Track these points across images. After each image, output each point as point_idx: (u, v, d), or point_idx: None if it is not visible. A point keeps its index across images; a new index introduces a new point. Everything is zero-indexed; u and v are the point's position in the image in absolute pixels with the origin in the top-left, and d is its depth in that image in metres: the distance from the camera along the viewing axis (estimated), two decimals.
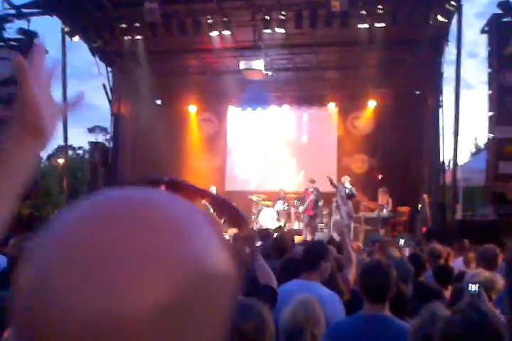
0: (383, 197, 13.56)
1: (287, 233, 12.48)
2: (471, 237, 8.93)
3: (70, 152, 33.58)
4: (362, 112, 15.86)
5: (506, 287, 3.21)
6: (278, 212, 13.83)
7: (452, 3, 10.62)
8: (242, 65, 12.29)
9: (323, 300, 2.99)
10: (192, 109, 16.74)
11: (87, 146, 27.14)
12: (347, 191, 12.55)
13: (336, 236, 12.63)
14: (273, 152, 16.55)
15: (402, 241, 8.84)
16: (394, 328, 2.67)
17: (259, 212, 14.14)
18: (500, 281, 3.26)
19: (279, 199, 13.95)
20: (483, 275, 3.25)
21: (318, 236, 12.64)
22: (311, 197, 12.91)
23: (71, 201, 15.77)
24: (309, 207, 12.94)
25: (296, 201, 13.98)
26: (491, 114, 10.89)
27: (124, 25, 12.19)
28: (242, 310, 2.04)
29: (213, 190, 13.92)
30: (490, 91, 10.98)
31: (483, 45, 11.32)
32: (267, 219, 13.88)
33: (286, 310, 2.37)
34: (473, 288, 3.12)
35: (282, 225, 13.51)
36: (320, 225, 14.28)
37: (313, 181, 13.13)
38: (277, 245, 4.94)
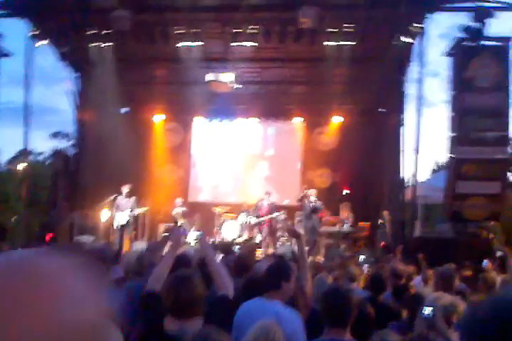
0: (345, 212, 13.72)
1: (249, 246, 12.49)
2: (430, 254, 9.12)
3: (31, 157, 32.81)
4: (327, 127, 16.05)
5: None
6: (241, 225, 13.80)
7: (416, 25, 10.91)
8: (210, 77, 12.31)
9: (283, 318, 3.01)
10: (158, 118, 16.61)
11: (49, 152, 26.62)
12: (311, 205, 12.64)
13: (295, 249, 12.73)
14: (238, 164, 16.54)
15: (362, 258, 8.94)
16: None
17: (222, 224, 14.09)
18: (461, 305, 3.31)
19: (243, 212, 13.93)
20: (446, 299, 3.30)
21: (281, 250, 12.68)
22: (275, 214, 12.94)
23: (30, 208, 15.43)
24: (266, 220, 12.94)
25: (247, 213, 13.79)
26: (452, 134, 11.18)
27: (92, 32, 12.06)
28: (202, 339, 2.04)
29: (178, 201, 13.81)
30: (450, 113, 11.28)
31: (446, 65, 11.70)
32: (230, 231, 13.84)
33: (248, 335, 2.37)
34: (427, 311, 3.18)
35: (247, 238, 13.50)
36: (282, 239, 14.34)
37: (269, 193, 13.15)
38: (239, 263, 4.93)
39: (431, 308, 3.17)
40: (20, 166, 23.08)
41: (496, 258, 5.13)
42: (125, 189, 12.69)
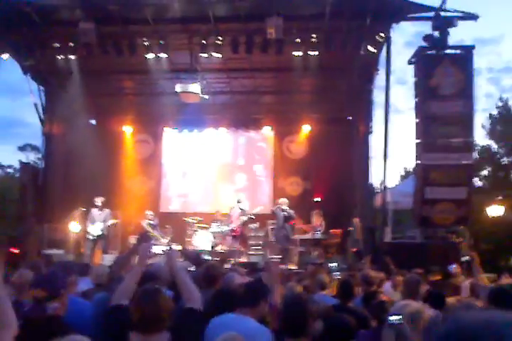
0: (317, 220, 13.80)
1: (221, 255, 12.46)
2: (400, 259, 9.24)
3: None
4: (296, 136, 16.17)
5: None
6: (213, 234, 13.75)
7: (382, 34, 11.11)
8: (179, 87, 12.28)
9: (253, 333, 3.01)
10: (127, 129, 16.49)
11: (17, 165, 26.13)
12: (284, 213, 12.67)
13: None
14: (209, 174, 16.51)
15: (334, 265, 8.96)
16: None
17: (194, 234, 14.02)
18: (427, 312, 3.36)
19: (215, 222, 13.87)
20: (412, 307, 3.34)
21: (254, 258, 12.69)
22: (242, 218, 12.89)
23: None
24: (237, 228, 12.90)
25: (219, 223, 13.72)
26: (418, 141, 11.38)
27: (57, 45, 11.93)
28: None
29: (149, 213, 13.70)
30: (416, 120, 11.49)
31: (412, 73, 11.93)
32: (203, 241, 13.77)
33: None
34: (395, 318, 3.22)
35: (214, 247, 13.46)
36: (255, 247, 14.35)
37: (239, 201, 13.14)
38: (208, 274, 4.90)
39: (398, 316, 3.21)
40: None
41: (463, 262, 5.22)
42: (98, 201, 12.59)
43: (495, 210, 17.60)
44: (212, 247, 13.52)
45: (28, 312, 3.05)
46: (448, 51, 11.63)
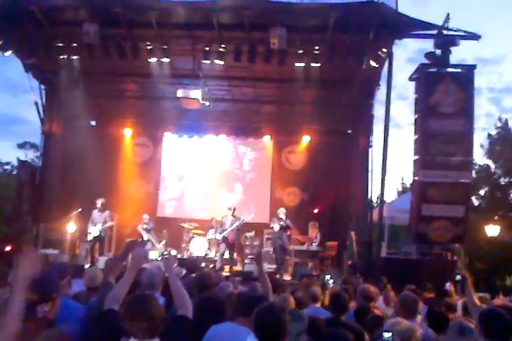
0: (313, 231, 13.80)
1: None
2: (394, 275, 9.21)
3: None
4: (296, 146, 16.21)
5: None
6: (209, 241, 13.72)
7: (384, 50, 11.15)
8: (180, 93, 12.28)
9: None
10: (127, 132, 16.50)
11: (15, 162, 26.08)
12: (282, 223, 12.63)
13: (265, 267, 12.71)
14: (207, 181, 16.50)
15: (328, 277, 8.91)
16: None
17: (190, 240, 13.99)
18: (419, 331, 3.34)
19: (211, 228, 13.84)
20: (403, 324, 3.32)
21: (248, 267, 12.64)
22: (235, 225, 12.83)
23: None
24: (230, 236, 12.83)
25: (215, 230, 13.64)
26: (416, 157, 11.39)
27: (60, 44, 11.93)
28: None
29: (146, 217, 13.66)
30: (415, 136, 11.52)
31: (413, 89, 11.97)
32: (198, 247, 13.75)
33: None
34: (387, 335, 3.20)
35: (207, 254, 13.43)
36: (250, 256, 14.31)
37: (231, 209, 13.08)
38: (202, 282, 4.87)
39: (390, 333, 3.19)
40: None
41: (457, 281, 5.19)
42: (99, 202, 12.60)
43: (491, 230, 17.60)
44: (205, 254, 13.49)
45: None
46: (449, 69, 11.69)
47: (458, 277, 5.04)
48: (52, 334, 2.66)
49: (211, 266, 12.15)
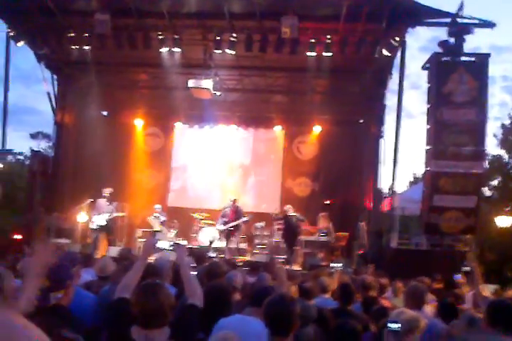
0: (323, 222, 13.78)
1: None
2: (404, 266, 9.21)
3: (10, 157, 32.34)
4: (307, 137, 16.14)
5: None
6: (219, 231, 13.77)
7: (396, 38, 11.04)
8: (191, 83, 12.26)
9: (259, 334, 3.01)
10: (138, 122, 16.53)
11: (28, 152, 26.25)
12: (294, 219, 12.63)
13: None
14: (219, 170, 16.53)
15: (339, 265, 8.89)
16: None
17: (199, 230, 14.06)
18: (423, 321, 3.35)
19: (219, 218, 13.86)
20: (408, 314, 3.34)
21: (258, 257, 12.69)
22: (243, 218, 12.87)
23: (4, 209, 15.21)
24: (233, 226, 12.87)
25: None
26: (429, 147, 11.31)
27: (72, 35, 11.97)
28: None
29: (158, 207, 13.73)
30: (428, 126, 11.42)
31: (425, 79, 11.86)
32: (208, 237, 13.81)
33: None
34: (394, 325, 3.22)
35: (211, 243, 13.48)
36: (260, 246, 14.38)
37: (233, 200, 13.10)
38: (211, 271, 4.91)
39: (398, 324, 3.21)
40: None
41: (466, 272, 5.17)
42: (106, 192, 12.58)
43: (503, 221, 17.49)
44: (210, 243, 13.52)
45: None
46: (463, 58, 11.57)
47: (466, 268, 5.03)
48: None
49: (221, 255, 12.21)
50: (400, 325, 3.18)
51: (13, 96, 12.60)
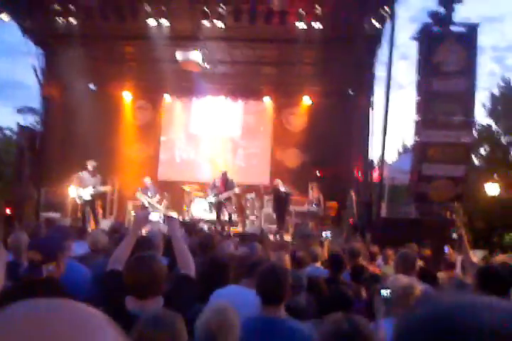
0: (315, 192, 13.88)
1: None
2: (394, 235, 9.35)
3: None
4: (296, 108, 16.09)
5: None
6: (209, 203, 13.84)
7: (386, 9, 10.94)
8: (179, 55, 12.14)
9: (255, 305, 3.07)
10: (127, 95, 16.37)
11: (15, 127, 26.02)
12: (284, 194, 12.71)
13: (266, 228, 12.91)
14: (207, 142, 16.51)
15: (329, 235, 8.97)
16: (286, 330, 2.79)
17: (191, 202, 14.13)
18: (418, 287, 3.41)
19: (209, 190, 13.91)
20: (403, 281, 3.39)
21: (250, 229, 12.83)
22: (235, 190, 12.91)
23: None
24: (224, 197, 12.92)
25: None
26: (418, 117, 11.35)
27: (57, 7, 11.74)
28: (154, 320, 2.08)
29: (147, 180, 13.71)
30: (417, 97, 11.43)
31: (415, 49, 11.80)
32: (199, 209, 13.90)
33: (200, 318, 2.41)
34: (385, 292, 3.29)
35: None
36: (251, 217, 14.50)
37: (222, 173, 13.08)
38: (204, 242, 4.98)
39: (388, 290, 3.27)
40: None
41: (454, 239, 5.27)
42: (90, 164, 12.19)
43: (491, 188, 17.70)
44: (208, 216, 13.62)
45: (24, 273, 3.10)
46: (453, 28, 11.49)
47: (454, 235, 5.12)
48: None
49: (212, 227, 12.31)
50: (390, 291, 3.25)
51: None
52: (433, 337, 0.72)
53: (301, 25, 11.55)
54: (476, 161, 23.65)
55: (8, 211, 12.38)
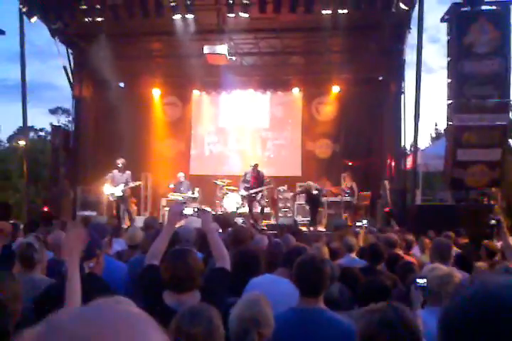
0: (348, 182, 13.78)
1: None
2: (430, 222, 9.20)
3: (32, 133, 32.78)
4: (326, 97, 15.94)
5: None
6: (242, 197, 13.87)
7: None
8: (206, 49, 12.14)
9: (288, 293, 3.07)
10: (156, 92, 16.50)
11: (49, 128, 26.57)
12: (317, 196, 12.62)
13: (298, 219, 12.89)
14: (238, 136, 16.53)
15: (364, 224, 8.88)
16: (326, 321, 2.76)
17: (223, 196, 14.19)
18: (458, 275, 3.35)
19: (242, 184, 13.93)
20: (441, 270, 3.34)
21: (283, 220, 12.82)
22: (261, 189, 12.90)
23: (31, 185, 15.46)
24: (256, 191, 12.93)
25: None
26: (450, 101, 11.11)
27: (84, 7, 11.88)
28: (191, 315, 2.09)
29: (181, 175, 13.82)
30: (449, 80, 11.17)
31: (445, 31, 11.53)
32: (232, 203, 13.95)
33: (233, 309, 2.41)
34: (421, 281, 3.24)
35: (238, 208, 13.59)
36: (284, 210, 14.49)
37: (253, 166, 13.06)
38: (237, 236, 4.98)
39: (424, 280, 3.23)
40: (21, 143, 23.13)
41: (493, 225, 5.13)
42: (119, 162, 12.32)
43: None
44: (236, 208, 13.65)
45: (65, 270, 3.16)
46: (483, 7, 11.17)
47: (492, 221, 5.00)
48: None
49: (246, 221, 12.33)
50: (426, 281, 3.20)
51: (30, 72, 12.65)
52: (484, 313, 0.80)
53: (326, 12, 11.40)
54: None
55: (46, 210, 12.67)
